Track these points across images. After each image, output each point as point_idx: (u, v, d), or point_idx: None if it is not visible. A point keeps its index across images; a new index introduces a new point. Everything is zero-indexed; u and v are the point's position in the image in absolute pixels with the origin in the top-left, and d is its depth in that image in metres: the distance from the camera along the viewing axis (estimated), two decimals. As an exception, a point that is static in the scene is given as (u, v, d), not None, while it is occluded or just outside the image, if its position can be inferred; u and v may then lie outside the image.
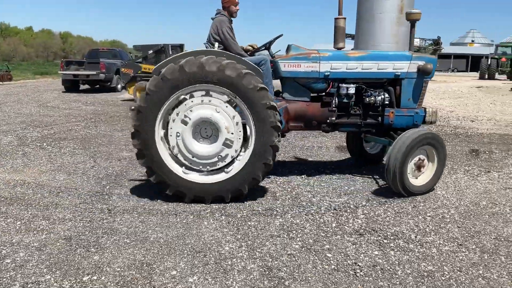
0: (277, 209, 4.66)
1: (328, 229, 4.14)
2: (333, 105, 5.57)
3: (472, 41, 41.52)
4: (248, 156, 4.80)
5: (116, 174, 6.00)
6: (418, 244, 3.82)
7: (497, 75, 26.71)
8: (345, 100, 5.62)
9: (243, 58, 5.04)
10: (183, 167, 4.89)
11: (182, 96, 4.77)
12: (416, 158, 5.22)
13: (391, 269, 3.37)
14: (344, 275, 3.29)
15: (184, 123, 4.76)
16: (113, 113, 12.54)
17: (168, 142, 4.86)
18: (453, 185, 5.54)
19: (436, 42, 31.12)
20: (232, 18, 5.59)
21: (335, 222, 4.31)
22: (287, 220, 4.34)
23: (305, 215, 4.50)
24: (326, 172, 6.19)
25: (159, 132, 4.77)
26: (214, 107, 4.76)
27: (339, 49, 5.76)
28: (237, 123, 4.80)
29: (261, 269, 3.36)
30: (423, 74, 5.59)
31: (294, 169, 6.33)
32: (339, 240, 3.90)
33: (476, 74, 27.14)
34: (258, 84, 4.67)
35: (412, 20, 5.73)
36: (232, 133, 4.79)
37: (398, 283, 3.18)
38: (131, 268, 3.34)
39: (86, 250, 3.64)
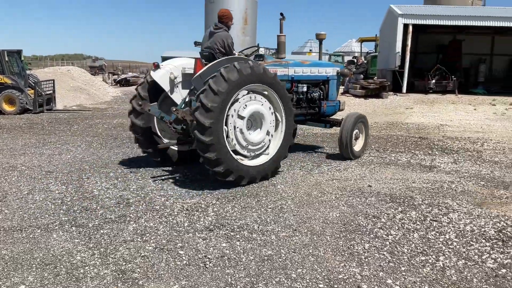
0: (131, 215, 4.76)
1: (180, 228, 4.39)
2: (294, 101, 7.29)
3: (310, 50, 45.62)
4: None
5: None
6: (260, 233, 4.30)
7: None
8: (300, 97, 7.60)
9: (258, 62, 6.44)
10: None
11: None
12: (355, 132, 7.55)
13: (236, 258, 3.76)
14: (195, 268, 3.58)
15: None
16: None
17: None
18: (291, 179, 6.26)
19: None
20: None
21: (187, 221, 4.58)
22: (140, 225, 4.47)
23: (159, 218, 4.68)
24: (179, 176, 6.43)
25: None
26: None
27: (281, 58, 7.52)
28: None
29: (114, 273, 3.46)
30: (342, 76, 8.30)
31: (147, 176, 6.43)
32: (191, 237, 4.18)
33: (314, 80, 30.26)
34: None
35: (320, 39, 8.85)
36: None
37: (242, 268, 3.58)
38: (-28, 290, 3.16)
39: None
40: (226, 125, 5.68)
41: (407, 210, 5.01)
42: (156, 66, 6.45)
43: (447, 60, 21.00)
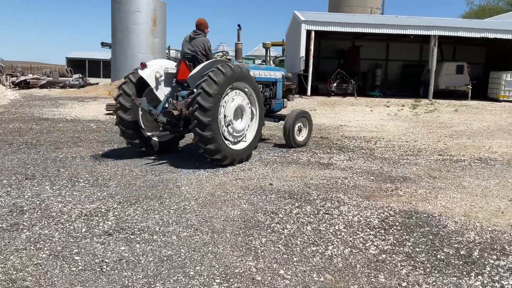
0: (24, 223, 4.55)
1: (78, 234, 4.29)
2: None
3: (222, 53, 46.18)
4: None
5: None
6: (161, 234, 4.34)
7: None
8: None
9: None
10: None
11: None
12: (298, 125, 9.22)
13: (135, 260, 3.78)
14: (91, 273, 3.54)
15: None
16: None
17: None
18: (196, 180, 6.35)
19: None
20: None
21: (85, 227, 4.49)
22: (34, 233, 4.30)
23: (55, 225, 4.53)
24: (79, 181, 6.23)
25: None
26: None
27: (240, 62, 8.66)
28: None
29: (4, 283, 3.31)
30: (286, 79, 9.85)
31: (44, 182, 6.15)
32: (88, 243, 4.10)
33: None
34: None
35: (266, 48, 11.20)
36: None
37: (140, 270, 3.60)
38: None
39: None
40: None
41: (303, 205, 5.33)
42: (144, 66, 7.49)
43: (347, 65, 22.42)
